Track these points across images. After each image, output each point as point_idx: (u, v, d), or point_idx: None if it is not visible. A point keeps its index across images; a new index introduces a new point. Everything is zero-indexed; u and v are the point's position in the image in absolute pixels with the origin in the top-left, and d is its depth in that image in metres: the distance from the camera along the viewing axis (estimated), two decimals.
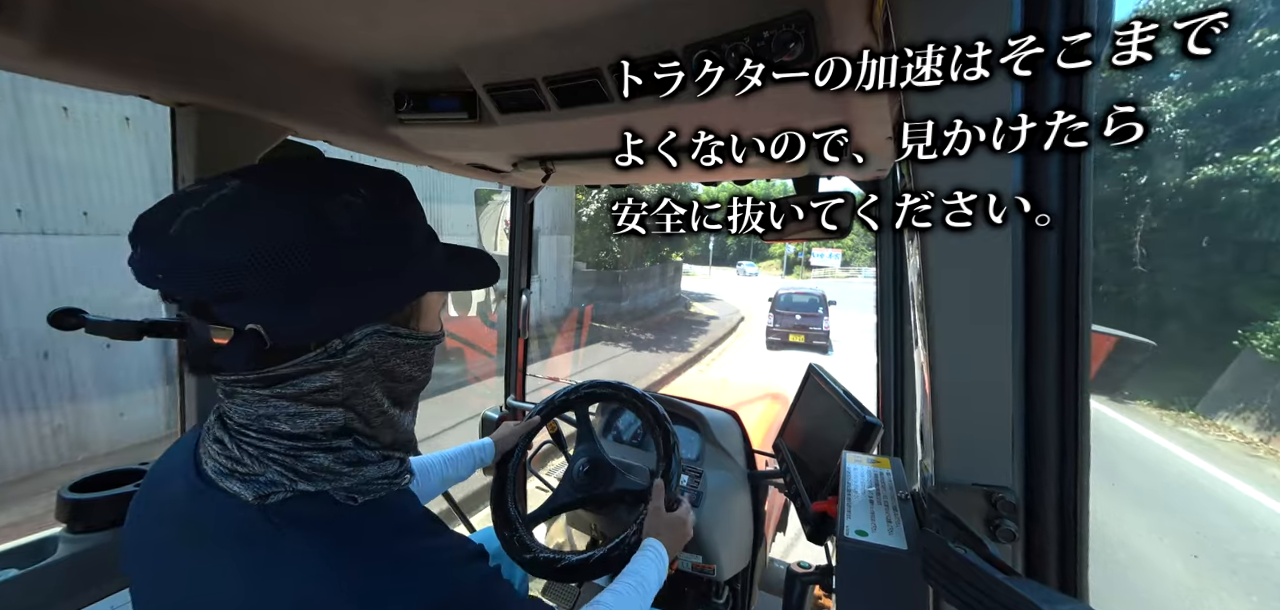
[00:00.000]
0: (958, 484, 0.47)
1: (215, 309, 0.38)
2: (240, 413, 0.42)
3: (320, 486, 0.41)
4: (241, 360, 0.38)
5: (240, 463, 0.41)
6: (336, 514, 0.41)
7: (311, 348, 0.40)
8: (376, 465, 0.44)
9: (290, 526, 0.39)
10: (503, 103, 0.91)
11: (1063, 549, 0.46)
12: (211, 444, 0.43)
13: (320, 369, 0.41)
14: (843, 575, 0.51)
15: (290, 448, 0.41)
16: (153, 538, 0.44)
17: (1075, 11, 0.41)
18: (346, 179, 0.43)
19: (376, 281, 0.42)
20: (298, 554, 0.38)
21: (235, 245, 0.37)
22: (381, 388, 0.45)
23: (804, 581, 1.03)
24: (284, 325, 0.38)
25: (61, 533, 0.81)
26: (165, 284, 0.38)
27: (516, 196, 1.72)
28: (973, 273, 0.46)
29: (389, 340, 0.44)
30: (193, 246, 0.37)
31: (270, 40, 0.85)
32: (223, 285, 0.37)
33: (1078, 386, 0.44)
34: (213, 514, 0.40)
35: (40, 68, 0.72)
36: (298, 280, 0.38)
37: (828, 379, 1.23)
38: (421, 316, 0.48)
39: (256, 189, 0.40)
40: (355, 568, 0.39)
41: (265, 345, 0.38)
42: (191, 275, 0.37)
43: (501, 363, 1.83)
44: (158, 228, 0.38)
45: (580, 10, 0.70)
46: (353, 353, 0.41)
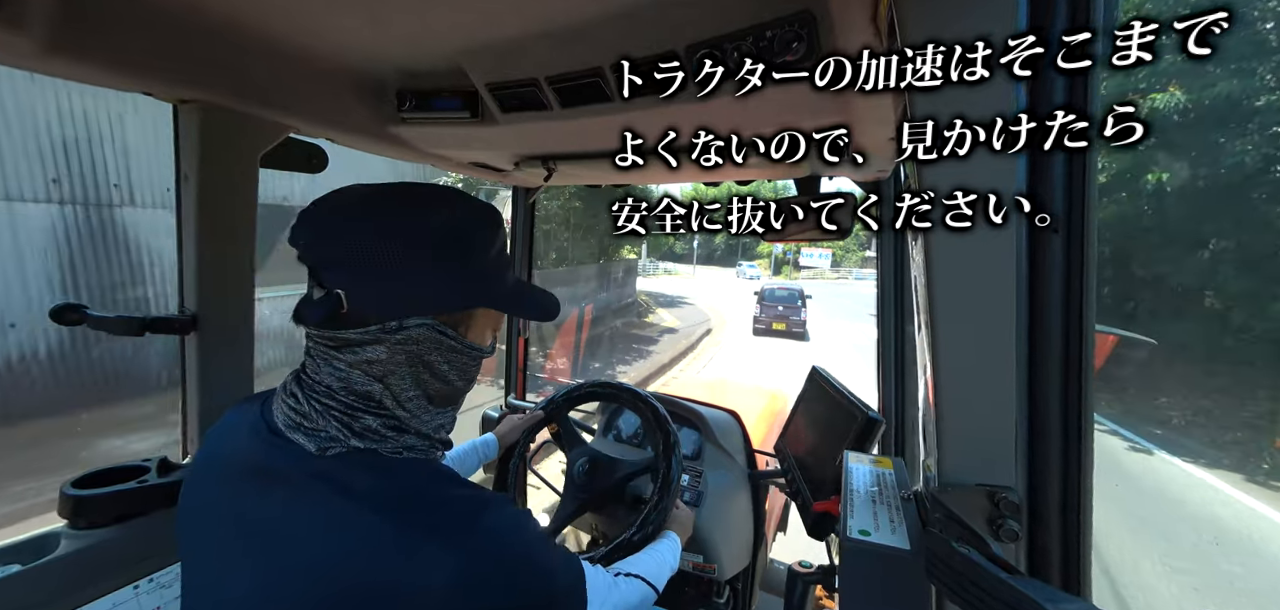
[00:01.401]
0: (961, 484, 0.47)
1: (323, 274, 0.48)
2: (314, 369, 0.49)
3: (369, 445, 0.48)
4: (319, 316, 0.46)
5: (307, 417, 0.47)
6: (388, 464, 0.48)
7: (372, 322, 0.47)
8: (415, 436, 0.51)
9: (348, 470, 0.46)
10: (505, 102, 0.91)
11: (1066, 548, 0.45)
12: (286, 398, 0.50)
13: (374, 341, 0.48)
14: (846, 575, 0.51)
15: (347, 406, 0.48)
16: (223, 496, 0.50)
17: (1080, 11, 0.41)
18: (449, 199, 0.53)
19: (436, 282, 0.50)
20: (357, 492, 0.45)
21: (349, 226, 0.48)
22: (413, 376, 0.50)
23: (806, 581, 1.03)
24: (361, 298, 0.47)
25: (64, 528, 0.81)
26: (303, 251, 0.49)
27: (518, 196, 1.72)
28: (976, 272, 0.46)
29: (435, 335, 0.50)
30: (330, 225, 0.49)
31: (273, 39, 0.86)
32: (330, 254, 0.48)
33: (1081, 386, 0.44)
34: (284, 460, 0.47)
35: (44, 64, 0.72)
36: (379, 263, 0.47)
37: (830, 379, 1.23)
38: (472, 327, 0.55)
39: (382, 196, 0.51)
40: (417, 505, 0.46)
41: (341, 309, 0.46)
42: (316, 245, 0.49)
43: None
44: (313, 212, 0.50)
45: (582, 10, 0.70)
46: (401, 335, 0.48)
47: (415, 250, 0.48)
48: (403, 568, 0.42)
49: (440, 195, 0.53)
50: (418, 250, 0.48)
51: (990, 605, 0.33)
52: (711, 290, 25.08)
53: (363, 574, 0.42)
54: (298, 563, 0.44)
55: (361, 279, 0.47)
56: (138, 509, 0.85)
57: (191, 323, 0.94)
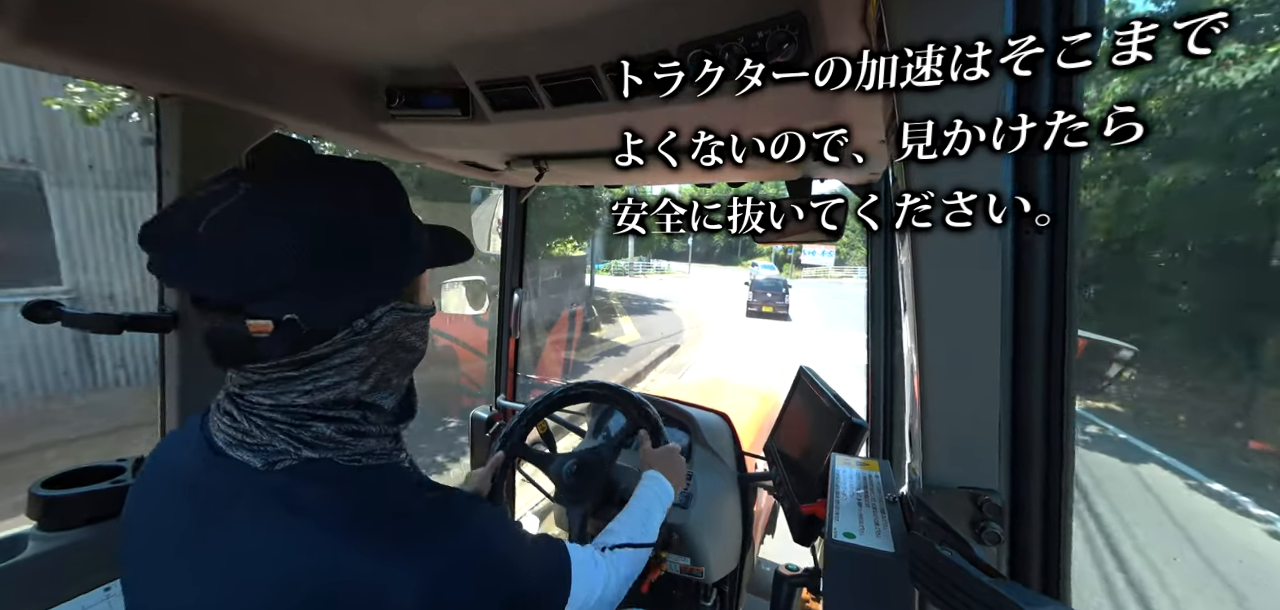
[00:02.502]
0: (945, 487, 0.47)
1: (252, 304, 0.40)
2: (259, 393, 0.44)
3: (323, 454, 0.44)
4: (283, 348, 0.41)
5: (249, 434, 0.44)
6: (341, 474, 0.45)
7: (339, 330, 0.44)
8: (375, 438, 0.48)
9: (299, 485, 0.43)
10: (496, 100, 0.91)
11: (1046, 551, 0.46)
12: (221, 417, 0.46)
13: (347, 346, 0.45)
14: (830, 577, 0.51)
15: (296, 419, 0.44)
16: (163, 514, 0.46)
17: (1065, 13, 0.41)
18: (352, 172, 0.47)
19: (389, 263, 0.47)
20: (308, 509, 0.42)
21: (270, 238, 0.40)
22: (393, 359, 0.49)
23: (792, 584, 1.03)
24: (317, 311, 0.42)
25: (32, 530, 0.79)
26: (196, 284, 0.41)
27: (510, 195, 1.71)
28: (963, 275, 0.46)
29: (402, 315, 0.49)
30: (226, 245, 0.39)
31: (260, 33, 0.84)
32: (262, 279, 0.40)
33: (1063, 390, 0.44)
34: (227, 480, 0.43)
35: (18, 54, 0.70)
36: (331, 268, 0.42)
37: (817, 381, 1.24)
38: (419, 293, 0.53)
39: (273, 188, 0.43)
40: (363, 519, 0.42)
41: (303, 331, 0.41)
42: (228, 273, 0.40)
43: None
44: (179, 232, 0.40)
45: (574, 9, 0.70)
46: (375, 329, 0.46)
47: (358, 239, 0.44)
48: (366, 584, 0.39)
49: (329, 167, 0.47)
50: (360, 238, 0.44)
51: (971, 608, 0.34)
52: (703, 292, 22.47)
53: (322, 593, 0.39)
54: (252, 582, 0.40)
55: (315, 294, 0.41)
56: (111, 510, 0.83)
57: (172, 321, 0.92)
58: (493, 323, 1.83)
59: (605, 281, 21.94)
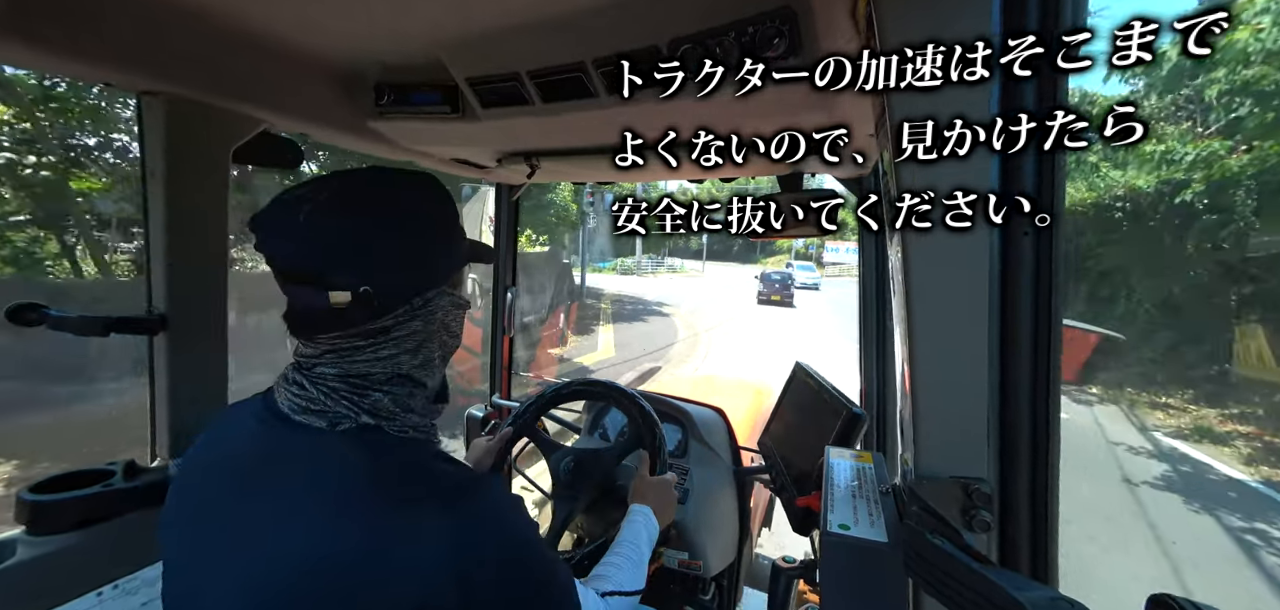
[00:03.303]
0: (936, 476, 0.48)
1: (334, 276, 0.47)
2: (327, 363, 0.50)
3: (378, 421, 0.50)
4: (360, 315, 0.48)
5: (315, 401, 0.49)
6: (392, 441, 0.51)
7: (400, 305, 0.50)
8: (419, 415, 0.54)
9: (356, 446, 0.48)
10: (485, 97, 0.90)
11: (1034, 538, 0.47)
12: (289, 387, 0.51)
13: (408, 319, 0.51)
14: (826, 568, 0.52)
15: (358, 385, 0.50)
16: (225, 479, 0.51)
17: (1051, 14, 0.41)
18: (421, 178, 0.56)
19: (445, 251, 0.56)
20: (364, 466, 0.47)
21: (356, 223, 0.49)
22: (438, 341, 0.56)
23: (789, 575, 1.04)
24: (387, 285, 0.49)
25: (21, 535, 0.78)
26: (297, 259, 0.48)
27: (501, 193, 1.70)
28: (951, 270, 0.47)
29: (447, 300, 0.56)
30: (321, 227, 0.48)
31: (244, 29, 0.83)
32: (346, 255, 0.48)
33: (1048, 381, 0.45)
34: (294, 442, 0.49)
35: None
36: (400, 250, 0.50)
37: (813, 375, 1.25)
38: (461, 284, 0.60)
39: (358, 186, 0.52)
40: (416, 477, 0.48)
41: (375, 303, 0.48)
42: (319, 249, 0.48)
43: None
44: (286, 217, 0.48)
45: (564, 4, 0.70)
46: (429, 308, 0.53)
47: (424, 229, 0.53)
48: (398, 534, 0.44)
49: (400, 176, 0.56)
50: (426, 228, 0.53)
51: (963, 595, 0.34)
52: (713, 294, 20.22)
53: (358, 540, 0.44)
54: (297, 531, 0.45)
55: (388, 270, 0.49)
56: (102, 514, 0.82)
57: (160, 323, 0.90)
58: (485, 321, 1.83)
59: (605, 281, 20.85)
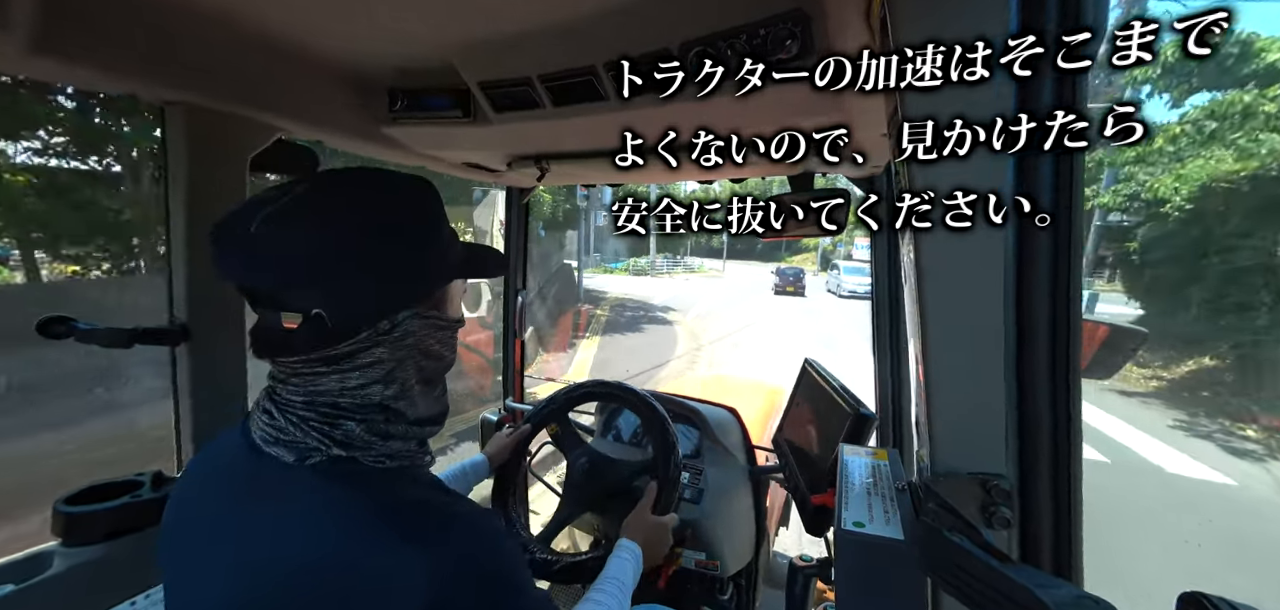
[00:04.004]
0: (953, 473, 0.48)
1: (286, 296, 0.44)
2: (292, 391, 0.47)
3: (351, 452, 0.47)
4: (309, 342, 0.44)
5: (284, 431, 0.46)
6: (367, 472, 0.47)
7: (363, 329, 0.46)
8: (400, 440, 0.50)
9: (327, 481, 0.45)
10: (497, 101, 0.91)
11: (1057, 534, 0.47)
12: (260, 416, 0.49)
13: (371, 346, 0.47)
14: (841, 567, 0.52)
15: (328, 415, 0.47)
16: (201, 506, 0.50)
17: (1071, 11, 0.41)
18: (396, 183, 0.50)
19: (418, 271, 0.50)
20: (336, 501, 0.45)
21: (310, 238, 0.43)
22: (416, 365, 0.51)
23: (806, 574, 1.04)
24: (345, 309, 0.45)
25: (57, 546, 0.80)
26: (246, 275, 0.44)
27: (512, 196, 1.71)
28: (964, 265, 0.46)
29: (425, 322, 0.51)
30: (272, 241, 0.43)
31: (262, 39, 0.85)
32: (298, 273, 0.43)
33: (1068, 372, 0.45)
34: (262, 474, 0.47)
35: (28, 66, 0.71)
36: (355, 268, 0.45)
37: (823, 372, 1.24)
38: (448, 303, 0.55)
39: (322, 192, 0.47)
40: (389, 514, 0.45)
41: (328, 327, 0.44)
42: (270, 266, 0.43)
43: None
44: (238, 228, 0.44)
45: (575, 8, 0.70)
46: (397, 332, 0.48)
47: (388, 244, 0.47)
48: (375, 570, 0.42)
49: (375, 178, 0.51)
50: (391, 243, 0.47)
51: (982, 592, 0.34)
52: (729, 297, 18.18)
53: (333, 577, 0.42)
54: (273, 567, 0.43)
55: (342, 292, 0.44)
56: (131, 524, 0.84)
57: (182, 333, 0.92)
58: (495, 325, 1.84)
59: (614, 284, 20.10)
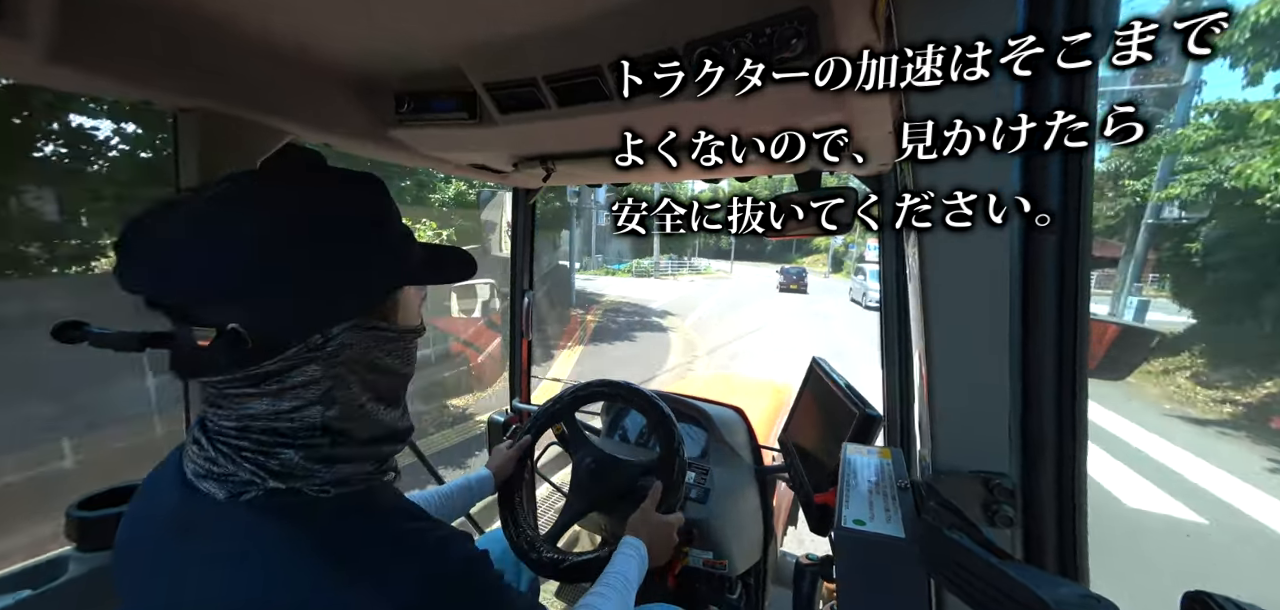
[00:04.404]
0: (955, 471, 0.48)
1: (198, 311, 0.39)
2: (222, 415, 0.43)
3: (290, 485, 0.42)
4: (226, 360, 0.39)
5: (215, 463, 0.42)
6: (308, 505, 0.42)
7: (291, 345, 0.41)
8: (351, 464, 0.45)
9: (263, 518, 0.41)
10: (503, 102, 0.92)
11: (1061, 532, 0.46)
12: (192, 447, 0.44)
13: (301, 364, 0.42)
14: (841, 564, 0.52)
15: (262, 444, 0.42)
16: (143, 544, 0.46)
17: (1079, 11, 0.41)
18: (323, 179, 0.45)
19: (352, 277, 0.44)
20: (270, 543, 0.40)
21: (216, 246, 0.38)
22: (360, 382, 0.46)
23: (812, 573, 1.04)
24: (265, 323, 0.40)
25: (72, 551, 0.81)
26: (150, 287, 0.39)
27: (518, 197, 1.72)
28: (970, 264, 0.46)
29: (368, 334, 0.45)
30: (176, 250, 0.38)
31: (270, 44, 0.86)
32: (205, 285, 0.38)
33: (1075, 370, 0.44)
34: (193, 513, 0.42)
35: (45, 74, 0.72)
36: (276, 278, 0.39)
37: (830, 372, 1.24)
38: (400, 311, 0.49)
39: (237, 192, 0.41)
40: (328, 552, 0.40)
41: (247, 344, 0.39)
42: (175, 277, 0.38)
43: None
44: (143, 235, 0.39)
45: (580, 8, 0.71)
46: (332, 346, 0.43)
47: (316, 249, 0.41)
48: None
49: (303, 176, 0.45)
50: (319, 248, 0.41)
51: (984, 591, 0.34)
52: (735, 301, 17.08)
53: None
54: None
55: (260, 304, 0.39)
56: None
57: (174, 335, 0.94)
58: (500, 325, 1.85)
59: (615, 286, 19.37)
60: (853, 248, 31.48)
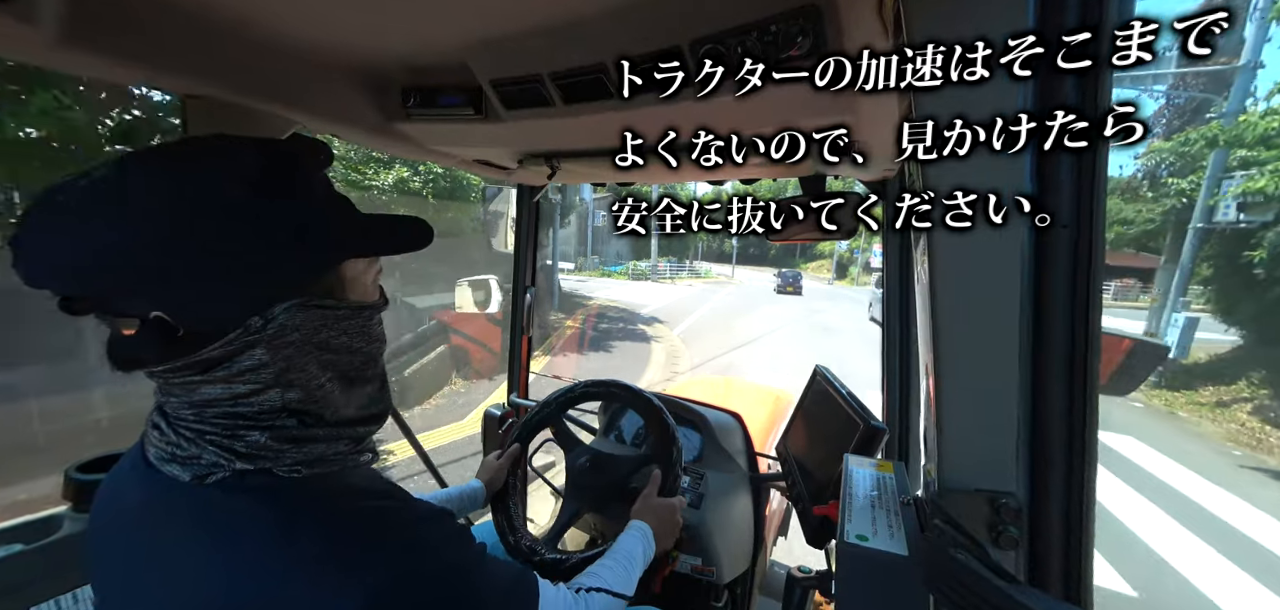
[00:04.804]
0: (961, 489, 0.47)
1: (115, 301, 0.37)
2: (176, 403, 0.42)
3: (259, 465, 0.41)
4: (155, 350, 0.37)
5: (178, 446, 0.41)
6: (279, 485, 0.41)
7: (228, 329, 0.38)
8: (324, 444, 0.44)
9: (233, 498, 0.39)
10: (508, 98, 0.92)
11: (1067, 556, 0.45)
12: (152, 431, 0.43)
13: (244, 348, 0.39)
14: (842, 580, 0.51)
15: (227, 427, 0.40)
16: (110, 533, 0.45)
17: (1092, 9, 0.40)
18: (240, 150, 0.41)
19: (285, 253, 0.40)
20: (243, 521, 0.39)
21: (122, 227, 0.34)
22: (318, 362, 0.43)
23: (804, 586, 1.02)
24: (190, 308, 0.37)
25: (67, 511, 0.83)
26: (55, 282, 0.35)
27: (522, 194, 1.72)
28: (979, 274, 0.45)
29: (313, 313, 0.42)
30: (89, 236, 0.34)
31: (280, 34, 0.86)
32: (114, 273, 0.35)
33: (1086, 390, 0.43)
34: (157, 497, 0.41)
35: (55, 57, 0.73)
36: (195, 259, 0.36)
37: (833, 381, 1.22)
38: (348, 286, 0.46)
39: (142, 168, 0.37)
40: (307, 530, 0.39)
41: (177, 332, 0.37)
42: (90, 267, 0.35)
43: None
44: (41, 224, 0.35)
45: (587, 5, 0.70)
46: (273, 328, 0.40)
47: (233, 225, 0.37)
48: (297, 602, 0.37)
49: (218, 146, 0.41)
50: (236, 224, 0.37)
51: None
52: (733, 304, 16.49)
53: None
54: (182, 606, 0.38)
55: (180, 288, 0.36)
56: None
57: None
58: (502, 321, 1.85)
59: (608, 288, 18.65)
60: (858, 253, 31.18)
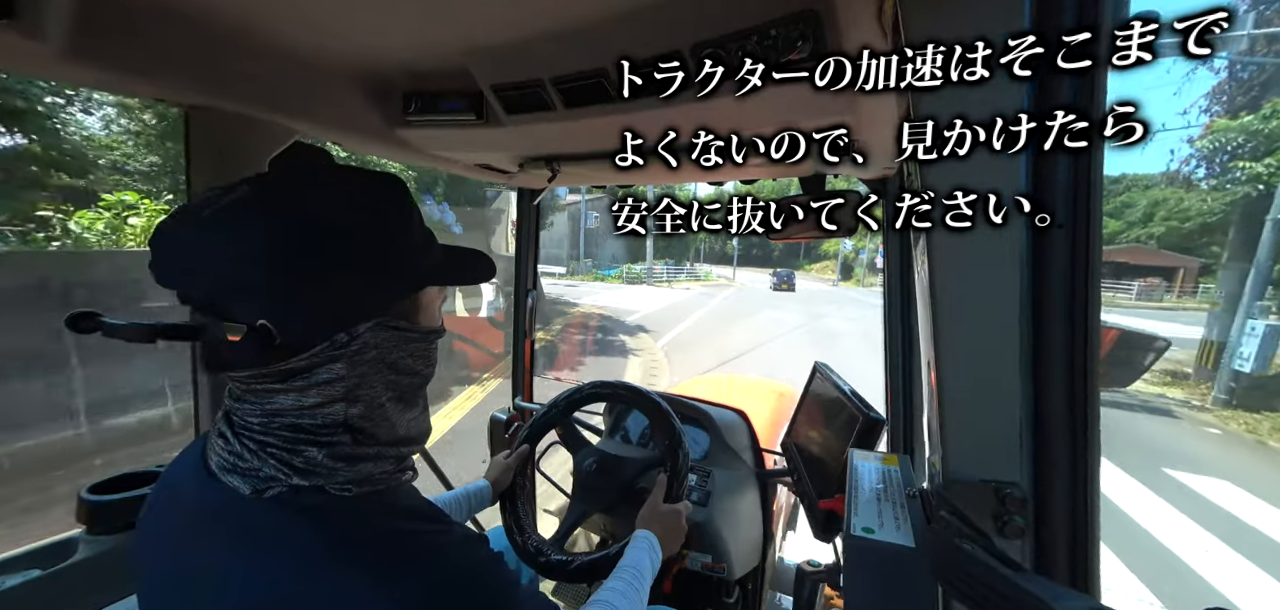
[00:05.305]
0: (966, 480, 0.47)
1: (227, 306, 0.41)
2: (248, 410, 0.44)
3: (315, 481, 0.43)
4: (253, 355, 0.40)
5: (241, 458, 0.43)
6: (331, 503, 0.43)
7: (317, 342, 0.42)
8: (372, 462, 0.47)
9: (287, 514, 0.42)
10: (509, 103, 0.92)
11: (1073, 544, 0.45)
12: (216, 440, 0.46)
13: (327, 362, 0.43)
14: (850, 573, 0.51)
15: (288, 440, 0.43)
16: (165, 532, 0.47)
17: (1088, 9, 0.40)
18: (351, 180, 0.46)
19: (378, 277, 0.45)
20: (294, 538, 0.41)
21: (248, 243, 0.40)
22: (384, 381, 0.47)
23: (814, 580, 1.03)
24: (292, 319, 0.41)
25: (82, 534, 0.83)
26: (182, 283, 0.41)
27: (523, 197, 1.73)
28: (979, 269, 0.46)
29: (391, 333, 0.46)
30: (208, 247, 0.40)
31: (281, 43, 0.87)
32: (235, 282, 0.40)
33: (1087, 379, 0.44)
34: (217, 505, 0.44)
35: (59, 71, 0.73)
36: (305, 275, 0.41)
37: (833, 377, 1.23)
38: (422, 311, 0.51)
39: (267, 191, 0.43)
40: (351, 550, 0.41)
41: (274, 340, 0.40)
42: (206, 273, 0.40)
43: None
44: (175, 231, 0.42)
45: (587, 10, 0.71)
46: (356, 345, 0.44)
47: (341, 247, 0.42)
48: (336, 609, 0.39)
49: (330, 176, 0.46)
50: (342, 247, 0.42)
51: (995, 602, 0.34)
52: (729, 309, 15.48)
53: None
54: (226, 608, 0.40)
55: (287, 301, 0.40)
56: None
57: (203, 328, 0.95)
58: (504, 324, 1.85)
59: (598, 293, 17.48)
60: (862, 253, 30.96)
